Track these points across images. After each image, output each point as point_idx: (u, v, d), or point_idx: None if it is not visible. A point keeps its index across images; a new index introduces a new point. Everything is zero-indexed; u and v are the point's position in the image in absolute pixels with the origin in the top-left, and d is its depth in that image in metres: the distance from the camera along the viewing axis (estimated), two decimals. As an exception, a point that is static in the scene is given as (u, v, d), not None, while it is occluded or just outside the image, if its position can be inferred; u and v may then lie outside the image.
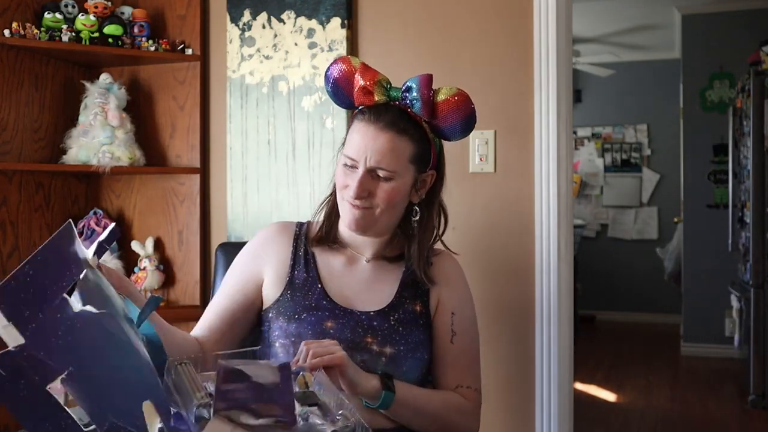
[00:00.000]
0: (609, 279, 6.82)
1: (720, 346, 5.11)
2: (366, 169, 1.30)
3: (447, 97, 1.31)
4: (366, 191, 1.30)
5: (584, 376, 4.68)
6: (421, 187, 1.38)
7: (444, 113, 1.32)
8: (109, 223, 2.49)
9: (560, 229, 2.10)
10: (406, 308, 1.37)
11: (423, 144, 1.34)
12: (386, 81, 1.34)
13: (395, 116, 1.31)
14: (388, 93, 1.33)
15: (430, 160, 1.37)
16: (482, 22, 2.18)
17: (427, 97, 1.30)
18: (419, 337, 1.36)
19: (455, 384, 1.38)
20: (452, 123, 1.32)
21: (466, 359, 1.40)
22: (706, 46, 5.23)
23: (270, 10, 2.38)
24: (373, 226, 1.35)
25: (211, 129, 2.50)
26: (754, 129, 4.03)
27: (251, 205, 2.41)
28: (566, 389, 2.12)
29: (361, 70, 1.33)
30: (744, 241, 4.32)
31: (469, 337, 1.42)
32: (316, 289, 1.37)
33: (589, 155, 7.01)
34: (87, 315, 0.92)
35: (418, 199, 1.39)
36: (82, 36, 2.34)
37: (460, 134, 1.35)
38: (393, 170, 1.30)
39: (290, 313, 1.35)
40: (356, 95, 1.33)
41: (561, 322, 2.09)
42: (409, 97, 1.31)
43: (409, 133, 1.31)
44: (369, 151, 1.29)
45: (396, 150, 1.30)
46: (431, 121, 1.33)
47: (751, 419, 3.83)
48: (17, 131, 2.30)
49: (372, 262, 1.42)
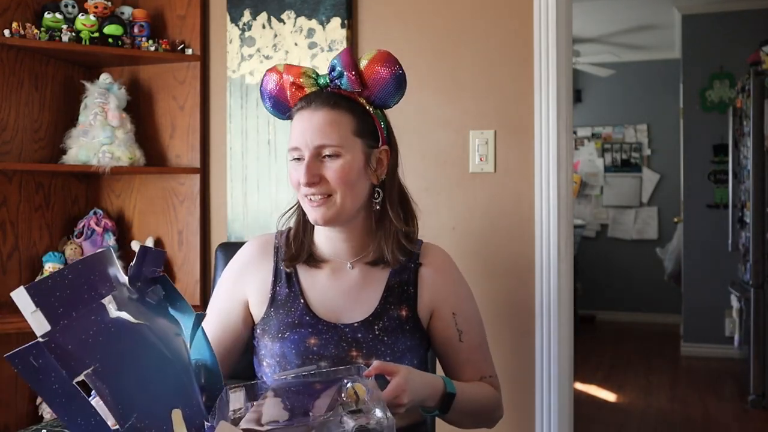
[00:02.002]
0: (609, 279, 6.81)
1: (720, 346, 5.11)
2: (311, 152, 1.26)
3: (368, 60, 1.28)
4: (316, 176, 1.25)
5: (584, 376, 4.68)
6: (378, 166, 1.32)
7: (371, 79, 1.28)
8: (110, 223, 2.49)
9: (560, 229, 2.10)
10: (390, 314, 1.33)
11: (363, 117, 1.30)
12: (312, 71, 1.31)
13: (327, 96, 1.28)
14: (317, 81, 1.30)
15: (378, 136, 1.32)
16: (482, 22, 2.18)
17: (351, 69, 1.26)
18: (406, 343, 1.32)
19: (479, 376, 1.39)
20: (383, 86, 1.28)
21: (480, 353, 1.40)
22: (706, 46, 5.23)
23: (270, 10, 2.38)
24: (339, 214, 1.29)
25: (211, 129, 2.50)
26: (754, 129, 4.03)
27: (251, 205, 2.41)
28: (566, 389, 2.12)
29: (286, 69, 1.31)
30: (744, 241, 4.32)
31: (476, 331, 1.41)
32: (298, 305, 1.33)
33: (589, 155, 7.01)
34: (123, 321, 0.94)
35: (378, 180, 1.33)
36: (82, 36, 2.34)
37: (395, 94, 1.31)
38: (336, 144, 1.25)
39: (274, 332, 1.32)
40: (291, 97, 1.31)
41: (561, 322, 2.09)
42: (335, 77, 1.28)
43: (342, 105, 1.27)
44: (308, 132, 1.26)
45: (334, 123, 1.26)
46: (363, 93, 1.30)
47: (751, 419, 3.83)
48: (17, 131, 2.30)
49: (357, 268, 1.36)
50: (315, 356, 1.30)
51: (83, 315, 0.90)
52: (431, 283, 1.37)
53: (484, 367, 1.40)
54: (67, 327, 0.87)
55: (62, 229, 2.49)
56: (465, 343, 1.38)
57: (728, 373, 4.76)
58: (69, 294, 0.90)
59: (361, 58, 1.29)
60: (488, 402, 1.36)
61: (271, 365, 1.33)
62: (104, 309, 0.94)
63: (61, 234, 2.48)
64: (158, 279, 1.10)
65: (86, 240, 2.43)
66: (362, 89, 1.29)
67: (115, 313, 0.95)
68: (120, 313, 0.95)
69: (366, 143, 1.30)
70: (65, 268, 0.92)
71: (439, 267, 1.39)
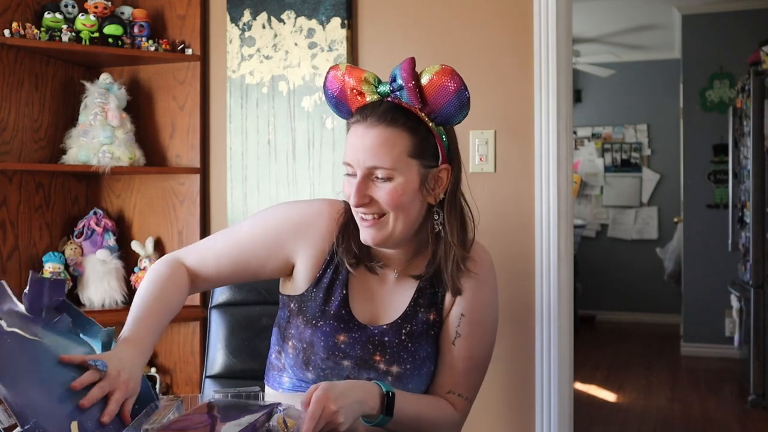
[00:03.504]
0: (609, 279, 6.81)
1: (720, 346, 5.11)
2: (362, 172, 1.20)
3: (431, 77, 1.20)
4: (366, 197, 1.21)
5: (584, 376, 4.68)
6: (435, 186, 1.25)
7: (432, 96, 1.20)
8: (110, 223, 2.49)
9: (560, 229, 2.10)
10: (419, 318, 1.30)
11: (421, 135, 1.22)
12: (374, 77, 1.24)
13: (385, 110, 1.21)
14: (377, 89, 1.23)
15: (437, 154, 1.24)
16: (482, 22, 2.18)
17: (410, 83, 1.19)
18: (427, 350, 1.30)
19: (447, 389, 1.30)
20: (444, 104, 1.20)
21: (464, 364, 1.30)
22: (706, 46, 5.23)
23: (270, 10, 2.38)
24: (390, 237, 1.24)
25: (211, 129, 2.50)
26: (754, 129, 4.03)
27: (251, 205, 2.41)
28: (566, 389, 2.12)
29: (348, 71, 1.24)
30: (744, 241, 4.32)
31: (474, 343, 1.31)
32: (339, 295, 1.29)
33: (589, 155, 7.01)
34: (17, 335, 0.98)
35: (435, 200, 1.26)
36: (82, 36, 2.34)
37: (458, 114, 1.22)
38: (389, 167, 1.19)
39: (310, 315, 1.29)
40: (350, 101, 1.25)
41: (561, 322, 2.09)
42: (396, 88, 1.21)
43: (400, 123, 1.20)
44: (360, 151, 1.20)
45: (387, 144, 1.19)
46: (424, 108, 1.22)
47: (751, 419, 3.83)
48: (17, 131, 2.30)
49: (400, 277, 1.32)
50: (341, 354, 1.28)
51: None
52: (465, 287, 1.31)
53: (460, 382, 1.30)
54: None
55: (62, 229, 2.49)
56: (456, 348, 1.30)
57: (728, 373, 4.76)
58: None
59: (423, 72, 1.21)
60: (436, 415, 1.26)
61: (297, 348, 1.30)
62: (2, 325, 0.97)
63: (61, 234, 2.48)
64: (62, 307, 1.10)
65: (86, 240, 2.43)
66: (423, 105, 1.21)
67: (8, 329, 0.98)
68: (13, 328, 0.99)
69: (423, 164, 1.23)
70: None
71: (479, 269, 1.33)
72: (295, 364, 1.31)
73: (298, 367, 1.30)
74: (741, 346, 4.48)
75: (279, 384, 1.34)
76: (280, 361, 1.35)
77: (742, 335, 4.41)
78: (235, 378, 1.65)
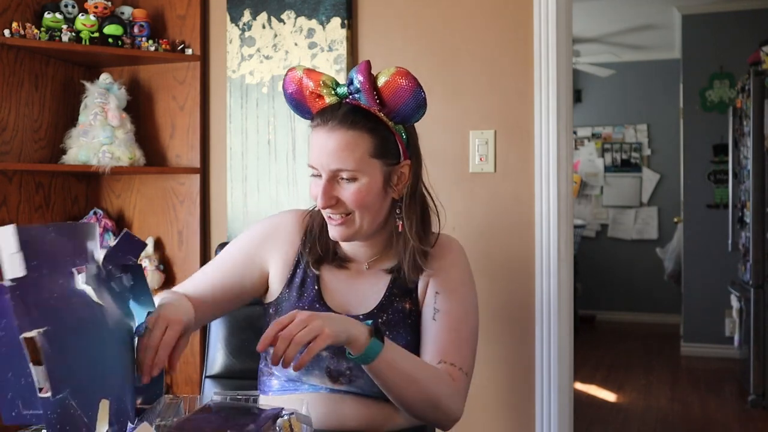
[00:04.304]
0: (609, 279, 6.82)
1: (720, 346, 5.11)
2: (327, 175, 1.24)
3: (387, 79, 1.22)
4: (333, 198, 1.24)
5: (584, 376, 4.68)
6: (398, 182, 1.30)
7: (390, 97, 1.23)
8: (110, 223, 2.49)
9: (560, 229, 2.10)
10: (395, 308, 1.33)
11: (382, 134, 1.26)
12: (332, 80, 1.27)
13: (345, 113, 1.24)
14: (336, 92, 1.26)
15: (398, 151, 1.29)
16: (482, 22, 2.18)
17: (367, 86, 1.22)
18: (406, 338, 1.31)
19: (437, 359, 1.27)
20: (402, 105, 1.23)
21: (449, 336, 1.29)
22: (706, 46, 5.23)
23: (270, 10, 2.38)
24: (358, 233, 1.29)
25: (211, 129, 2.50)
26: (754, 129, 4.03)
27: (251, 205, 2.41)
28: (566, 389, 2.12)
29: (306, 74, 1.27)
30: (744, 241, 4.32)
31: (456, 316, 1.31)
32: (312, 291, 1.35)
33: (589, 155, 7.01)
34: (85, 296, 0.93)
35: (399, 195, 1.31)
36: (82, 36, 2.34)
37: (416, 113, 1.25)
38: (352, 168, 1.23)
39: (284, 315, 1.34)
40: (310, 103, 1.28)
41: (561, 322, 2.09)
42: (353, 90, 1.24)
43: (360, 125, 1.23)
44: (324, 155, 1.23)
45: (350, 146, 1.22)
46: (384, 110, 1.25)
47: (751, 419, 3.83)
48: (17, 131, 2.30)
49: (372, 269, 1.38)
50: None
51: (52, 275, 0.88)
52: (430, 267, 1.34)
53: (448, 352, 1.27)
54: (35, 280, 0.85)
55: (62, 229, 2.49)
56: (437, 322, 1.30)
57: (728, 373, 4.76)
58: (47, 250, 0.89)
59: (379, 74, 1.24)
60: (433, 382, 1.22)
61: None
62: (73, 277, 0.92)
63: (61, 234, 2.48)
64: (131, 267, 1.08)
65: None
66: (381, 106, 1.25)
67: (81, 286, 0.93)
68: (85, 286, 0.94)
69: (385, 162, 1.27)
70: (50, 225, 0.90)
71: (445, 252, 1.37)
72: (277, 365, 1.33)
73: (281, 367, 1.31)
74: (741, 346, 4.48)
75: (269, 387, 1.36)
76: (267, 366, 1.38)
77: (742, 335, 4.41)
78: (235, 378, 1.65)
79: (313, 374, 1.30)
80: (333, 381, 1.29)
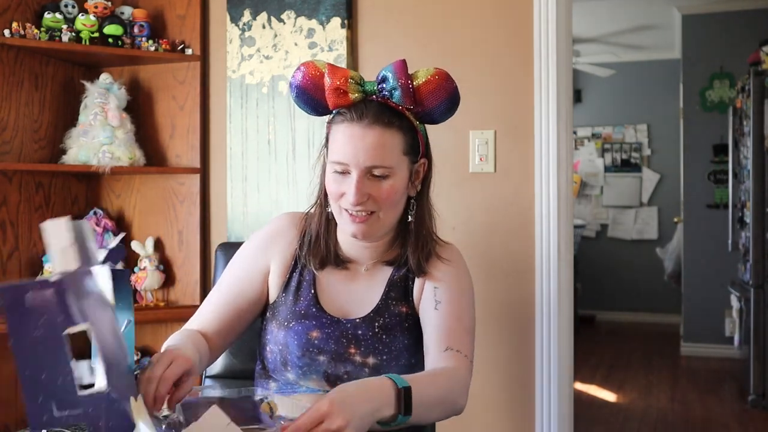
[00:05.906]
0: (609, 279, 6.81)
1: (720, 346, 5.11)
2: (361, 171, 1.24)
3: (426, 78, 1.26)
4: (365, 195, 1.24)
5: (584, 376, 4.68)
6: (416, 179, 1.34)
7: (427, 96, 1.26)
8: (110, 224, 2.49)
9: (560, 229, 2.10)
10: (392, 311, 1.33)
11: (411, 133, 1.29)
12: (358, 77, 1.27)
13: (378, 110, 1.25)
14: (364, 88, 1.26)
15: (419, 149, 1.33)
16: (482, 22, 2.18)
17: (407, 85, 1.24)
18: (403, 342, 1.31)
19: (444, 346, 1.26)
20: (437, 104, 1.27)
21: (454, 324, 1.29)
22: (706, 46, 5.23)
23: (270, 10, 2.38)
24: (380, 230, 1.30)
25: (211, 129, 2.50)
26: (754, 129, 4.03)
27: (251, 205, 2.41)
28: (566, 389, 2.13)
29: (330, 71, 1.26)
30: (744, 241, 4.32)
31: (459, 307, 1.31)
32: (308, 295, 1.34)
33: (589, 155, 7.01)
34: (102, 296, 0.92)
35: (414, 192, 1.34)
36: (82, 36, 2.34)
37: (448, 114, 1.31)
38: (389, 166, 1.25)
39: (281, 319, 1.34)
40: (330, 98, 1.26)
41: (561, 322, 2.09)
42: (387, 88, 1.25)
43: (395, 124, 1.26)
44: (359, 151, 1.23)
45: (387, 144, 1.24)
46: (414, 108, 1.28)
47: (751, 419, 3.83)
48: (17, 131, 2.30)
49: (371, 269, 1.37)
50: (315, 350, 1.30)
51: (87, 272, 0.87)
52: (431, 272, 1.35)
53: (456, 339, 1.26)
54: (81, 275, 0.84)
55: (62, 229, 2.48)
56: (439, 311, 1.30)
57: (728, 373, 4.76)
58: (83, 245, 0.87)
59: (416, 73, 1.27)
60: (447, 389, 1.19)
61: (273, 352, 1.34)
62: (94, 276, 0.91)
63: (61, 234, 2.48)
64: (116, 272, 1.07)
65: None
66: (414, 106, 1.27)
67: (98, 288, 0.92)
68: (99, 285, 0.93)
69: (411, 160, 1.31)
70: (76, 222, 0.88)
71: (446, 256, 1.38)
72: (275, 367, 1.35)
73: (278, 370, 1.34)
74: (741, 346, 4.48)
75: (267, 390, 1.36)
76: (265, 369, 1.38)
77: (742, 335, 4.41)
78: (235, 378, 1.65)
79: (311, 378, 1.31)
80: (331, 385, 1.29)
